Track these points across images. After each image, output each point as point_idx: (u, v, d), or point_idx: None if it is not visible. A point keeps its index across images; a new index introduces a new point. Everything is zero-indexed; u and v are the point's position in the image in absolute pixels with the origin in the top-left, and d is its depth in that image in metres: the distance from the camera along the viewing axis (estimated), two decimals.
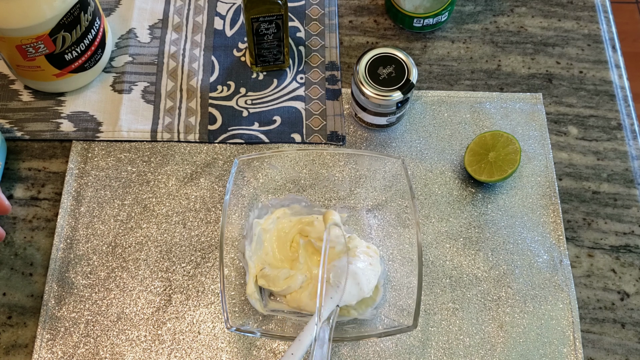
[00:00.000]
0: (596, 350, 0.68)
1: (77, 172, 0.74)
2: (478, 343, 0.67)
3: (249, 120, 0.77)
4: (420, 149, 0.77)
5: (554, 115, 0.79)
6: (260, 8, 0.70)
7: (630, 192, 0.75)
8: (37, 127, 0.76)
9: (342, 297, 0.61)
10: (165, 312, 0.68)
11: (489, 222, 0.73)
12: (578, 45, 0.84)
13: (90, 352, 0.66)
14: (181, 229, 0.72)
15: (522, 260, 0.71)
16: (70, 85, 0.77)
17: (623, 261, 0.72)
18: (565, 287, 0.70)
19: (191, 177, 0.74)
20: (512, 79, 0.81)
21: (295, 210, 0.71)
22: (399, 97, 0.71)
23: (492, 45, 0.84)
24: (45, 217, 0.72)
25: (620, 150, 0.78)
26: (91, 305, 0.68)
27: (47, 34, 0.68)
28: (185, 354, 0.66)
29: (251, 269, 0.66)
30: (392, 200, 0.69)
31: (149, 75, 0.80)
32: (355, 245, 0.67)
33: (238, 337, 0.67)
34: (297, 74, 0.80)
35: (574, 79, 0.82)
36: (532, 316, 0.69)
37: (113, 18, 0.83)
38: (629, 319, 0.69)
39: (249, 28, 0.72)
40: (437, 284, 0.70)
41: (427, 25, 0.82)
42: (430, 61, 0.82)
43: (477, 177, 0.73)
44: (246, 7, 0.70)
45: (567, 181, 0.76)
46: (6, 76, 0.79)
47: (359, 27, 0.84)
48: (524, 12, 0.86)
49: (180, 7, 0.84)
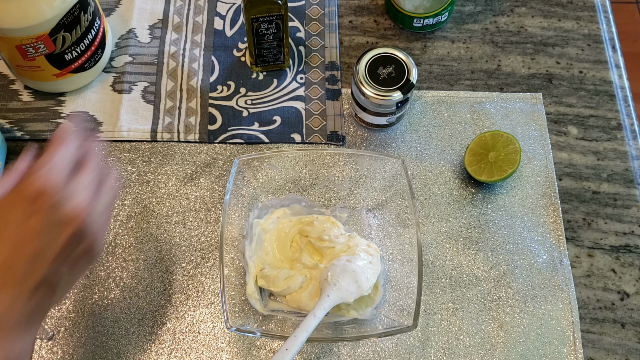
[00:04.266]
0: (596, 350, 0.68)
1: None
2: (478, 343, 0.67)
3: (249, 120, 0.77)
4: (420, 149, 0.77)
5: (554, 115, 0.79)
6: (261, 8, 0.70)
7: (630, 192, 0.75)
8: (37, 127, 0.76)
9: (340, 295, 0.61)
10: (165, 312, 0.68)
11: (489, 222, 0.73)
12: (578, 45, 0.84)
13: (90, 352, 0.66)
14: (181, 229, 0.72)
15: (522, 260, 0.71)
16: (70, 85, 0.77)
17: (623, 261, 0.72)
18: (565, 287, 0.70)
19: (191, 177, 0.74)
20: (512, 79, 0.81)
21: (295, 210, 0.71)
22: (399, 97, 0.71)
23: (492, 45, 0.84)
24: None
25: (620, 150, 0.78)
26: (91, 305, 0.68)
27: (47, 34, 0.68)
28: (185, 354, 0.66)
29: (251, 269, 0.66)
30: (392, 200, 0.69)
31: (149, 75, 0.80)
32: (356, 244, 0.67)
33: (238, 337, 0.67)
34: (297, 74, 0.80)
35: (574, 79, 0.82)
36: (532, 316, 0.69)
37: (113, 18, 0.83)
38: (628, 319, 0.69)
39: (248, 28, 0.72)
40: (437, 284, 0.70)
41: (427, 25, 0.82)
42: (430, 61, 0.82)
43: (477, 177, 0.73)
44: (246, 7, 0.70)
45: (567, 181, 0.76)
46: (6, 76, 0.79)
47: (359, 27, 0.84)
48: (524, 12, 0.86)
49: (180, 7, 0.84)
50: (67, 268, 0.48)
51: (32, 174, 0.46)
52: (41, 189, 0.45)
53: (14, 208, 0.46)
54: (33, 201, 0.45)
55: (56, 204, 0.46)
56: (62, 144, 0.48)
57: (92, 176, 0.49)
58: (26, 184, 0.46)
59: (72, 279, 0.50)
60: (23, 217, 0.45)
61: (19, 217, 0.45)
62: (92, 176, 0.49)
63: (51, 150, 0.48)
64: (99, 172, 0.50)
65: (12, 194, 0.47)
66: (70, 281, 0.49)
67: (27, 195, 0.46)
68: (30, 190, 0.45)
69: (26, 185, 0.46)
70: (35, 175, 0.46)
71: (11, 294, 0.45)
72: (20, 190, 0.46)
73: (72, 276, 0.49)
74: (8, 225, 0.45)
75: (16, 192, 0.46)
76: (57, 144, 0.48)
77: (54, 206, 0.46)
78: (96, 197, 0.49)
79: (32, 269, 0.46)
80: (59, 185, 0.46)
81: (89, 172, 0.49)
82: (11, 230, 0.45)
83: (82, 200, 0.47)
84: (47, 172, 0.46)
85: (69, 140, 0.49)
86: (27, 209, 0.45)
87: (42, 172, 0.46)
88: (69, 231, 0.46)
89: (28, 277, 0.45)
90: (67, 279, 0.49)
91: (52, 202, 0.46)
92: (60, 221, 0.46)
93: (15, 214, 0.45)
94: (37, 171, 0.46)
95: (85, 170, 0.49)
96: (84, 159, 0.50)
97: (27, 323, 0.47)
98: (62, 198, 0.46)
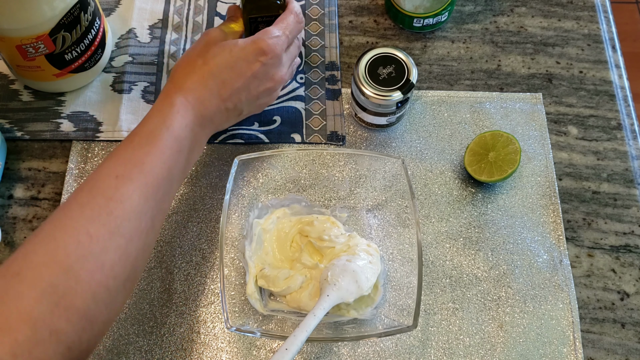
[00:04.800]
0: (596, 350, 0.68)
1: (77, 172, 0.74)
2: (478, 343, 0.67)
3: (249, 120, 0.77)
4: (420, 149, 0.77)
5: (554, 115, 0.79)
6: (259, 8, 0.70)
7: (630, 192, 0.75)
8: (37, 127, 0.76)
9: (340, 295, 0.61)
10: (165, 312, 0.68)
11: (489, 222, 0.73)
12: (578, 45, 0.84)
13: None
14: (181, 229, 0.72)
15: (522, 260, 0.71)
16: (70, 85, 0.77)
17: (623, 261, 0.72)
18: (565, 287, 0.70)
19: (191, 177, 0.74)
20: (512, 78, 0.81)
21: (295, 210, 0.71)
22: (399, 97, 0.71)
23: (492, 45, 0.84)
24: (46, 217, 0.72)
25: (620, 150, 0.78)
26: None
27: (47, 33, 0.68)
28: (185, 354, 0.66)
29: (251, 269, 0.66)
30: (392, 200, 0.69)
31: (148, 75, 0.80)
32: (356, 244, 0.67)
33: (238, 337, 0.67)
34: (297, 74, 0.80)
35: (574, 79, 0.82)
36: (532, 316, 0.69)
37: (113, 18, 0.83)
38: (628, 318, 0.69)
39: (247, 29, 0.72)
40: (437, 284, 0.70)
41: (427, 25, 0.82)
42: (430, 61, 0.82)
43: (477, 177, 0.73)
44: (245, 7, 0.70)
45: (567, 181, 0.76)
46: (6, 76, 0.79)
47: (359, 27, 0.84)
48: (523, 12, 0.86)
49: (180, 7, 0.84)
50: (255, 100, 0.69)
51: (269, 35, 0.66)
52: (268, 49, 0.65)
53: (247, 51, 0.65)
54: (260, 54, 0.65)
55: (271, 64, 0.66)
56: (296, 24, 0.69)
57: (295, 52, 0.72)
58: (262, 40, 0.66)
59: (255, 109, 0.71)
60: (250, 60, 0.65)
61: (248, 57, 0.65)
62: (295, 52, 0.72)
63: (288, 23, 0.68)
64: (297, 48, 0.73)
65: (252, 43, 0.66)
66: (252, 110, 0.70)
67: (259, 48, 0.65)
68: (263, 45, 0.65)
69: (262, 41, 0.65)
70: (270, 37, 0.66)
71: (216, 103, 0.64)
72: (257, 41, 0.66)
73: (256, 107, 0.70)
74: (238, 62, 0.65)
75: (255, 42, 0.66)
76: (294, 21, 0.69)
77: (269, 64, 0.66)
78: (290, 66, 0.72)
79: (239, 94, 0.66)
80: (280, 53, 0.67)
81: (295, 48, 0.71)
82: (239, 66, 0.65)
83: (286, 70, 0.69)
84: (277, 40, 0.66)
85: (298, 24, 0.70)
86: (253, 57, 0.65)
87: (274, 38, 0.66)
88: (268, 86, 0.68)
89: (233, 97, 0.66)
90: (250, 110, 0.70)
91: (270, 62, 0.66)
92: (268, 77, 0.67)
93: (246, 54, 0.65)
94: (272, 35, 0.66)
95: (294, 46, 0.71)
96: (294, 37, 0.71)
97: (217, 128, 0.67)
98: (276, 62, 0.67)
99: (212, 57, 0.65)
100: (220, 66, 0.64)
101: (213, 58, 0.65)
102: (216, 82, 0.64)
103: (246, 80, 0.65)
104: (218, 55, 0.65)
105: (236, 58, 0.65)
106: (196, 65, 0.65)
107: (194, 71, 0.64)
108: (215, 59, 0.65)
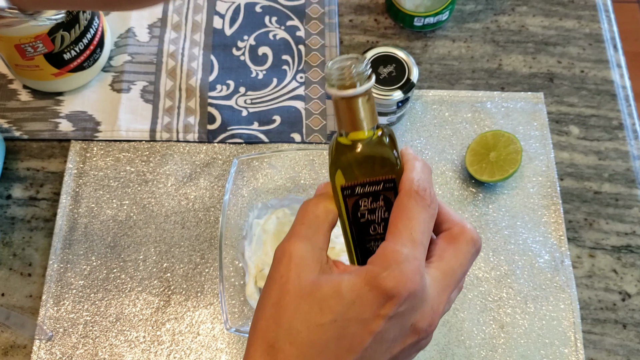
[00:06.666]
0: (597, 351, 0.67)
1: (75, 172, 0.74)
2: (479, 344, 0.67)
3: (249, 119, 0.77)
4: (420, 148, 0.76)
5: (555, 115, 0.79)
6: (359, 165, 0.41)
7: (632, 192, 0.75)
8: (36, 126, 0.76)
9: None
10: (164, 312, 0.67)
11: (490, 223, 0.73)
12: (579, 45, 0.83)
13: (89, 353, 0.65)
14: (180, 229, 0.71)
15: (523, 261, 0.71)
16: (68, 84, 0.77)
17: (624, 261, 0.72)
18: (567, 288, 0.70)
19: (190, 177, 0.74)
20: (513, 78, 0.81)
21: (295, 211, 0.70)
22: (399, 97, 0.70)
23: (493, 45, 0.83)
24: (44, 217, 0.72)
25: (622, 150, 0.77)
26: (90, 305, 0.67)
27: (45, 33, 0.68)
28: (185, 355, 0.66)
29: (251, 270, 0.66)
30: None
31: (147, 74, 0.79)
32: None
33: (237, 338, 0.67)
34: (297, 73, 0.80)
35: (575, 78, 0.81)
36: (533, 317, 0.68)
37: (112, 17, 0.83)
38: (630, 319, 0.69)
39: (341, 210, 0.43)
40: None
41: (428, 24, 0.82)
42: (430, 60, 0.82)
43: (478, 177, 0.72)
44: (333, 162, 0.42)
45: (569, 181, 0.75)
46: (5, 76, 0.79)
47: (359, 26, 0.84)
48: (525, 11, 0.86)
49: (179, 6, 0.84)
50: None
51: (392, 261, 0.37)
52: (396, 291, 0.36)
53: (363, 301, 0.36)
54: (385, 300, 0.36)
55: (407, 309, 0.37)
56: (422, 209, 0.38)
57: (461, 284, 0.40)
58: (383, 276, 0.36)
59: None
60: (366, 317, 0.36)
61: (362, 314, 0.36)
62: (461, 284, 0.40)
63: (418, 218, 0.38)
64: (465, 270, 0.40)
65: (363, 283, 0.37)
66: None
67: (381, 292, 0.36)
68: (386, 286, 0.36)
69: (383, 278, 0.36)
70: (396, 266, 0.36)
71: None
72: (374, 279, 0.37)
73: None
74: (351, 323, 0.36)
75: (370, 280, 0.37)
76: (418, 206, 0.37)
77: (399, 313, 0.37)
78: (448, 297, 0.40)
79: None
80: (418, 286, 0.37)
81: (461, 282, 0.40)
82: (353, 330, 0.36)
83: (441, 312, 0.39)
84: (409, 269, 0.37)
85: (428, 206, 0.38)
86: (370, 310, 0.36)
87: (403, 266, 0.36)
88: (409, 342, 0.38)
89: None
90: None
91: (404, 307, 0.37)
92: (404, 331, 0.38)
93: (363, 310, 0.36)
94: (398, 259, 0.37)
95: (461, 282, 0.40)
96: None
97: None
98: (416, 303, 0.37)
99: (291, 325, 0.37)
100: (311, 343, 0.37)
101: (294, 328, 0.37)
102: None
103: (363, 353, 0.37)
104: (302, 321, 0.37)
105: (340, 321, 0.37)
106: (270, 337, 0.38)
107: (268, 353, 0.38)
108: (300, 335, 0.37)
